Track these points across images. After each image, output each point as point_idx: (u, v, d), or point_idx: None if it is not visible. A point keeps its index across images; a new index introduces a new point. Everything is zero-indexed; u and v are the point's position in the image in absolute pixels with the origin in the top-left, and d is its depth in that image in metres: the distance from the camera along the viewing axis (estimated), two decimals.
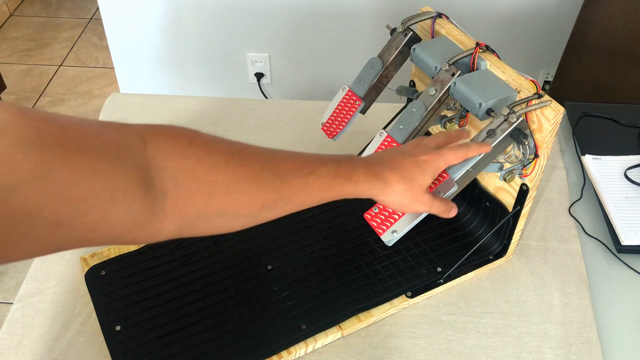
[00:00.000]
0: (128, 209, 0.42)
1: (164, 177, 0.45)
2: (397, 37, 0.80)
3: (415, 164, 0.62)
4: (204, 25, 1.94)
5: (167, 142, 0.46)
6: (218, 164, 0.49)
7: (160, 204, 0.45)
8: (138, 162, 0.44)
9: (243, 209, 0.52)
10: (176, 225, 0.47)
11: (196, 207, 0.48)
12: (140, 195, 0.43)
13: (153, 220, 0.45)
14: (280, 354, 0.73)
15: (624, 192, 0.96)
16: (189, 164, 0.47)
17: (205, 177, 0.48)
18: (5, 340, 0.75)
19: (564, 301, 0.81)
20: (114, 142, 0.43)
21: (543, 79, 2.09)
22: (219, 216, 0.50)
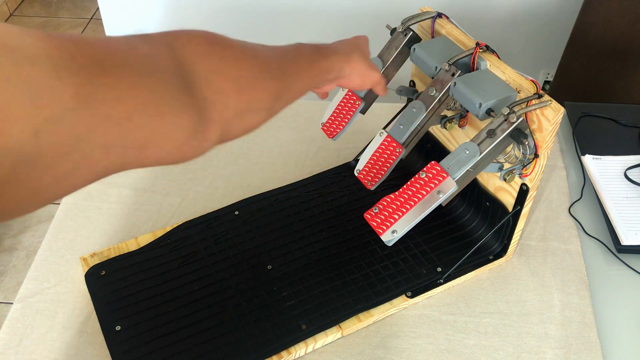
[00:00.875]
0: (176, 120, 0.41)
1: (199, 81, 0.44)
2: (397, 37, 0.80)
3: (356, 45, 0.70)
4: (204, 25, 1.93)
5: (190, 45, 0.46)
6: (237, 59, 0.49)
7: (205, 110, 0.44)
8: (173, 70, 0.43)
9: (264, 100, 0.52)
10: (219, 130, 0.47)
11: (231, 106, 0.48)
12: (186, 104, 0.42)
13: (202, 128, 0.44)
14: (280, 354, 0.73)
15: (624, 192, 0.96)
16: (215, 64, 0.47)
17: (232, 74, 0.48)
18: (5, 340, 0.75)
19: (564, 301, 0.81)
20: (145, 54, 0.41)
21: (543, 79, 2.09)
22: (247, 112, 0.50)
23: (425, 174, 0.68)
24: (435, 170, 0.68)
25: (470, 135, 0.83)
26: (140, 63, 0.40)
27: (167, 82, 0.41)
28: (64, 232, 0.89)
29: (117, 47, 0.40)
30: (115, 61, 0.38)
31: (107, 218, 0.91)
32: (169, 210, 0.92)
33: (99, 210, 0.92)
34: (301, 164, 1.01)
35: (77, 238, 0.88)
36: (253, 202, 0.91)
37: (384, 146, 0.75)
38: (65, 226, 0.90)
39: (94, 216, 0.91)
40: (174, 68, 0.43)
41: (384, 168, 0.75)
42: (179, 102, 0.41)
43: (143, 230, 0.89)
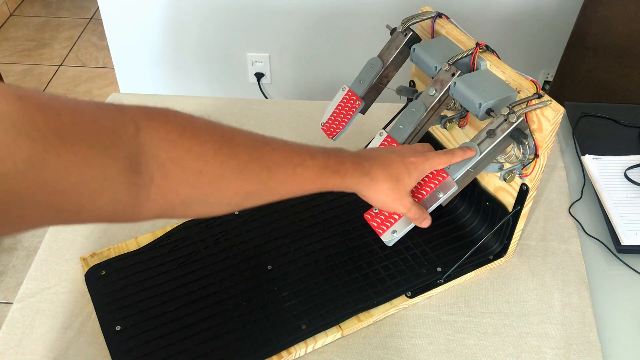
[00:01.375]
0: (114, 196, 0.43)
1: (153, 165, 0.46)
2: (397, 37, 0.80)
3: (402, 164, 0.64)
4: (204, 25, 1.94)
5: (159, 130, 0.47)
6: (207, 155, 0.49)
7: (145, 191, 0.46)
8: (129, 149, 0.44)
9: (226, 197, 0.52)
10: (158, 210, 0.48)
11: (179, 195, 0.49)
12: (127, 183, 0.44)
13: (136, 205, 0.46)
14: (280, 354, 0.73)
15: (624, 192, 0.96)
16: (178, 154, 0.48)
17: (193, 167, 0.48)
18: (5, 340, 0.75)
19: (564, 301, 0.81)
20: (108, 129, 0.43)
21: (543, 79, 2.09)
22: (201, 203, 0.51)
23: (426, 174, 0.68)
24: (436, 170, 0.68)
25: (470, 135, 0.83)
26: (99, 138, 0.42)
27: (118, 160, 0.43)
28: (64, 232, 0.89)
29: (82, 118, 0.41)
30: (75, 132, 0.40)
31: None
32: None
33: None
34: None
35: (77, 238, 0.88)
36: None
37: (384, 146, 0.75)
38: (65, 226, 0.90)
39: None
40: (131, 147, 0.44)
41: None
42: (122, 181, 0.43)
43: (143, 230, 0.89)
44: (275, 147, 0.56)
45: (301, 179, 0.57)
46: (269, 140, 0.57)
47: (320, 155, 0.59)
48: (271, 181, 0.55)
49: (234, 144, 0.52)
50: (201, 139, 0.50)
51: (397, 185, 0.63)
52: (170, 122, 0.49)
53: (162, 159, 0.46)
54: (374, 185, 0.62)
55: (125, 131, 0.44)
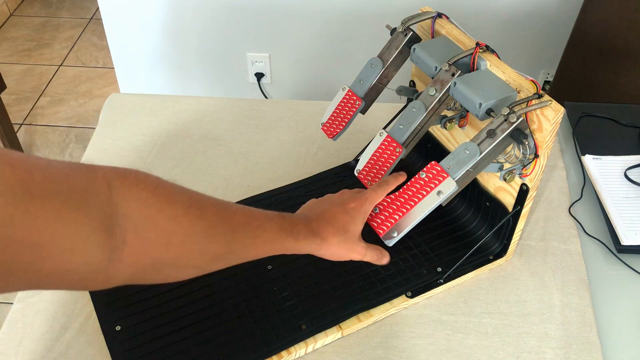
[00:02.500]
0: (86, 256, 0.42)
1: (126, 225, 0.45)
2: (397, 37, 0.80)
3: (346, 214, 0.68)
4: (204, 25, 1.94)
5: (131, 189, 0.47)
6: (178, 215, 0.50)
7: (118, 251, 0.45)
8: (102, 208, 0.44)
9: (194, 259, 0.53)
10: (129, 273, 0.48)
11: (152, 256, 0.49)
12: (100, 243, 0.43)
13: (109, 267, 0.45)
14: (280, 354, 0.73)
15: (624, 192, 0.96)
16: (151, 213, 0.47)
17: (165, 227, 0.49)
18: (5, 340, 0.75)
19: (564, 301, 0.81)
20: (81, 188, 0.42)
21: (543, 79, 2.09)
22: (171, 266, 0.51)
23: (426, 174, 0.68)
24: (436, 170, 0.68)
25: (470, 135, 0.83)
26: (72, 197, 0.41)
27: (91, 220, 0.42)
28: None
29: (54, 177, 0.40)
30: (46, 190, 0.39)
31: None
32: None
33: None
34: (301, 164, 1.01)
35: None
36: (253, 202, 0.91)
37: (384, 146, 0.75)
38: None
39: None
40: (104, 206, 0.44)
41: (384, 168, 0.75)
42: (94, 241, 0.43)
43: None
44: (237, 210, 0.58)
45: (260, 241, 0.59)
46: (231, 204, 0.59)
47: (277, 218, 0.62)
48: (235, 243, 0.56)
49: (201, 206, 0.53)
50: (172, 198, 0.50)
51: (345, 236, 0.67)
52: (142, 181, 0.48)
53: (135, 219, 0.46)
54: (325, 243, 0.66)
55: (97, 190, 0.44)
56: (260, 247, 0.60)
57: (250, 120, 1.09)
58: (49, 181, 0.40)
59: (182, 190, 0.53)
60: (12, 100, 2.49)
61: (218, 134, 1.06)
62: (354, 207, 0.69)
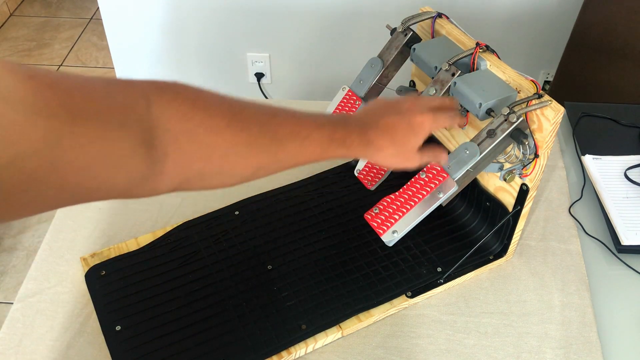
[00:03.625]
0: (130, 172, 0.43)
1: (166, 139, 0.46)
2: (397, 37, 0.80)
3: (409, 127, 0.63)
4: (204, 25, 1.94)
5: (171, 104, 0.47)
6: (219, 127, 0.50)
7: (160, 164, 0.45)
8: (142, 124, 0.44)
9: (239, 170, 0.53)
10: (174, 183, 0.48)
11: (194, 168, 0.49)
12: (143, 158, 0.44)
13: (152, 179, 0.46)
14: (280, 354, 0.73)
15: (624, 192, 0.96)
16: (191, 127, 0.47)
17: (206, 140, 0.48)
18: (5, 340, 0.75)
19: (564, 301, 0.81)
20: (120, 105, 0.43)
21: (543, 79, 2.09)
22: (215, 175, 0.51)
23: (426, 174, 0.68)
24: (436, 170, 0.68)
25: (470, 135, 0.83)
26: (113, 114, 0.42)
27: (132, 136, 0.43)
28: (64, 232, 0.89)
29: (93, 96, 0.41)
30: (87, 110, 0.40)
31: (107, 218, 0.91)
32: (169, 210, 0.92)
33: (99, 210, 0.92)
34: None
35: (77, 238, 0.88)
36: (253, 202, 0.91)
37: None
38: (65, 226, 0.90)
39: (94, 216, 0.91)
40: (144, 121, 0.44)
41: (384, 168, 0.75)
42: (137, 156, 0.43)
43: (143, 230, 0.89)
44: (284, 119, 0.57)
45: (308, 151, 0.57)
46: (276, 112, 0.57)
47: (328, 127, 0.59)
48: (280, 153, 0.55)
49: (244, 117, 0.52)
50: (212, 112, 0.50)
51: (402, 149, 0.63)
52: (181, 95, 0.48)
53: (176, 132, 0.46)
54: (379, 153, 0.63)
55: (137, 106, 0.44)
56: (308, 156, 0.58)
57: None
58: (88, 101, 0.40)
59: (223, 100, 0.52)
60: None
61: None
62: (421, 122, 0.63)
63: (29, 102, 0.36)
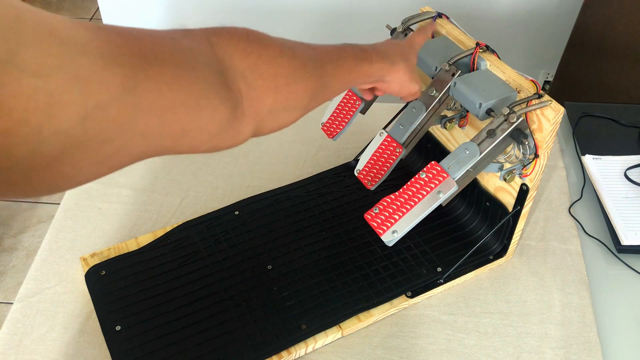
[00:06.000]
0: (212, 113, 0.43)
1: (236, 78, 0.46)
2: (397, 37, 0.80)
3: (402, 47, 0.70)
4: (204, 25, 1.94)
5: (230, 42, 0.47)
6: (275, 57, 0.50)
7: (240, 105, 0.46)
8: (212, 65, 0.44)
9: (300, 98, 0.53)
10: (253, 125, 0.48)
11: (267, 103, 0.49)
12: (223, 98, 0.44)
13: (235, 122, 0.46)
14: (280, 354, 0.73)
15: (624, 192, 0.96)
16: (252, 61, 0.48)
17: (269, 71, 0.49)
18: (5, 340, 0.75)
19: (564, 301, 0.81)
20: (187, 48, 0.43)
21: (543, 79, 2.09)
22: (283, 110, 0.52)
23: (426, 174, 0.68)
24: (436, 170, 0.68)
25: (470, 135, 0.83)
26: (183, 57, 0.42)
27: (206, 76, 0.43)
28: (64, 232, 0.89)
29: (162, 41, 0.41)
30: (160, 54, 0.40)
31: (107, 218, 0.91)
32: (169, 210, 0.92)
33: (99, 210, 0.92)
34: (301, 164, 1.01)
35: (77, 238, 0.88)
36: (253, 202, 0.91)
37: (384, 146, 0.75)
38: (65, 226, 0.90)
39: (94, 216, 0.91)
40: (213, 63, 0.44)
41: (384, 168, 0.75)
42: (216, 96, 0.43)
43: (143, 230, 0.89)
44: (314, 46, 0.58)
45: (344, 70, 0.60)
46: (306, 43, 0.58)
47: (349, 47, 0.62)
48: (325, 76, 0.57)
49: (289, 45, 0.53)
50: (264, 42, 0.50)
51: (408, 63, 0.68)
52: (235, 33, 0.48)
53: (241, 69, 0.46)
54: (394, 67, 0.66)
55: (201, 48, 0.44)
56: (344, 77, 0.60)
57: None
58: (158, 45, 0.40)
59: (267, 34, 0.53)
60: None
61: None
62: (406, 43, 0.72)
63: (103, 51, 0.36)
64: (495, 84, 0.72)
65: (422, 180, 0.68)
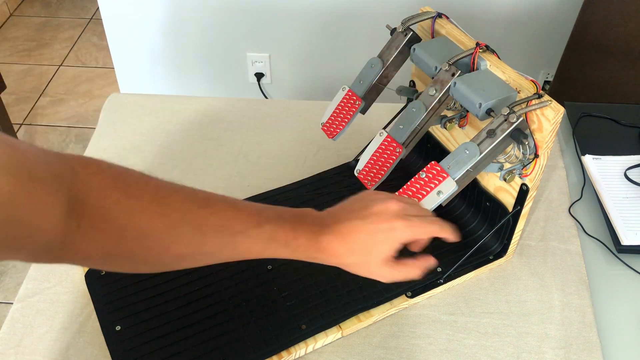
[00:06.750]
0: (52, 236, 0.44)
1: (83, 211, 0.46)
2: (397, 37, 0.80)
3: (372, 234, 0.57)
4: (204, 25, 1.94)
5: (93, 178, 0.47)
6: (133, 210, 0.48)
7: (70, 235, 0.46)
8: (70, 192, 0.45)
9: (153, 256, 0.52)
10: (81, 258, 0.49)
11: (104, 247, 0.48)
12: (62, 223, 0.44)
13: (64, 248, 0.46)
14: (280, 354, 0.73)
15: (624, 192, 0.96)
16: (107, 204, 0.47)
17: (119, 220, 0.48)
18: (5, 340, 0.75)
19: (564, 301, 0.81)
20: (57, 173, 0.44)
21: (543, 79, 2.09)
22: (127, 260, 0.51)
23: (425, 174, 0.68)
24: (435, 170, 0.68)
25: (470, 135, 0.83)
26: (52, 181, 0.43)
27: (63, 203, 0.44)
28: None
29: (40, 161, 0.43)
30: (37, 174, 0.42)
31: None
32: None
33: None
34: (301, 164, 1.01)
35: None
36: None
37: (384, 146, 0.75)
38: None
39: None
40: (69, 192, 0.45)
41: (384, 168, 0.75)
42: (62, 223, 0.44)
43: None
44: (218, 209, 0.54)
45: (242, 248, 0.55)
46: (213, 201, 0.54)
47: (270, 225, 0.55)
48: (205, 246, 0.53)
49: (167, 202, 0.51)
50: (132, 192, 0.49)
51: (363, 259, 0.58)
52: (104, 171, 0.48)
53: (91, 207, 0.46)
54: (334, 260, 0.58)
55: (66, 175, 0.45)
56: (243, 253, 0.56)
57: (250, 120, 1.09)
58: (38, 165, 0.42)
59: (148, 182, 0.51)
60: (12, 100, 2.49)
61: (218, 134, 1.06)
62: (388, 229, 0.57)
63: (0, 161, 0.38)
64: (495, 84, 0.72)
65: (422, 180, 0.68)
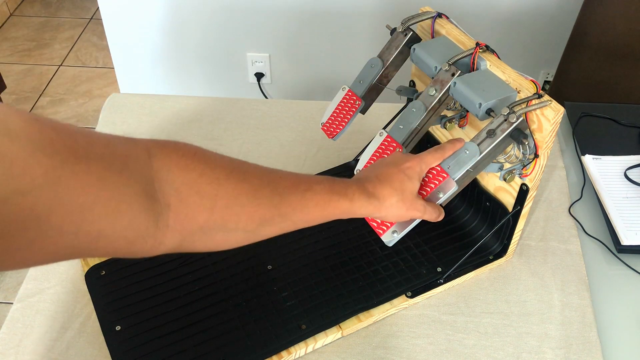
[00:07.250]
0: (132, 221, 0.43)
1: (168, 190, 0.46)
2: (397, 37, 0.80)
3: (401, 172, 0.65)
4: (204, 25, 1.94)
5: (171, 156, 0.48)
6: (219, 178, 0.50)
7: (164, 216, 0.46)
8: (143, 174, 0.44)
9: (242, 222, 0.53)
10: (178, 239, 0.48)
11: (198, 221, 0.49)
12: (145, 208, 0.44)
13: (156, 233, 0.45)
14: (280, 354, 0.73)
15: (624, 192, 0.96)
16: (192, 177, 0.48)
17: (208, 191, 0.49)
18: (5, 340, 0.75)
19: (564, 301, 0.81)
20: (122, 154, 0.43)
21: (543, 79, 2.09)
22: (219, 230, 0.51)
23: (426, 174, 0.68)
24: (436, 170, 0.68)
25: (470, 135, 0.83)
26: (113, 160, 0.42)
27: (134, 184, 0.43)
28: None
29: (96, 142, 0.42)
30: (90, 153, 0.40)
31: None
32: None
33: None
34: (301, 164, 1.01)
35: None
36: None
37: (384, 146, 0.75)
38: None
39: None
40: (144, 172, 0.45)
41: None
42: (138, 204, 0.43)
43: None
44: (283, 174, 0.57)
45: (311, 203, 0.58)
46: (274, 169, 0.58)
47: (326, 181, 0.60)
48: (283, 206, 0.55)
49: (244, 170, 0.53)
50: (212, 164, 0.50)
51: (403, 195, 0.64)
52: (181, 149, 0.49)
53: (177, 184, 0.47)
54: (384, 204, 0.63)
55: (138, 156, 0.45)
56: (312, 210, 0.58)
57: (250, 120, 1.09)
58: (91, 145, 0.41)
59: (223, 156, 0.53)
60: (12, 100, 2.49)
61: (218, 134, 1.06)
62: (410, 166, 0.66)
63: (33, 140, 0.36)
64: (495, 84, 0.72)
65: (422, 180, 0.68)
